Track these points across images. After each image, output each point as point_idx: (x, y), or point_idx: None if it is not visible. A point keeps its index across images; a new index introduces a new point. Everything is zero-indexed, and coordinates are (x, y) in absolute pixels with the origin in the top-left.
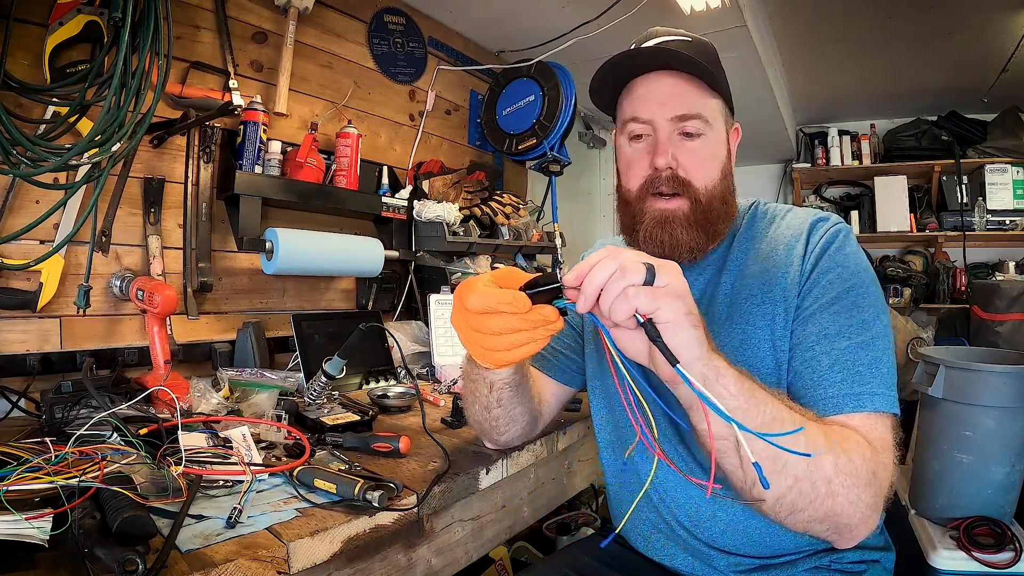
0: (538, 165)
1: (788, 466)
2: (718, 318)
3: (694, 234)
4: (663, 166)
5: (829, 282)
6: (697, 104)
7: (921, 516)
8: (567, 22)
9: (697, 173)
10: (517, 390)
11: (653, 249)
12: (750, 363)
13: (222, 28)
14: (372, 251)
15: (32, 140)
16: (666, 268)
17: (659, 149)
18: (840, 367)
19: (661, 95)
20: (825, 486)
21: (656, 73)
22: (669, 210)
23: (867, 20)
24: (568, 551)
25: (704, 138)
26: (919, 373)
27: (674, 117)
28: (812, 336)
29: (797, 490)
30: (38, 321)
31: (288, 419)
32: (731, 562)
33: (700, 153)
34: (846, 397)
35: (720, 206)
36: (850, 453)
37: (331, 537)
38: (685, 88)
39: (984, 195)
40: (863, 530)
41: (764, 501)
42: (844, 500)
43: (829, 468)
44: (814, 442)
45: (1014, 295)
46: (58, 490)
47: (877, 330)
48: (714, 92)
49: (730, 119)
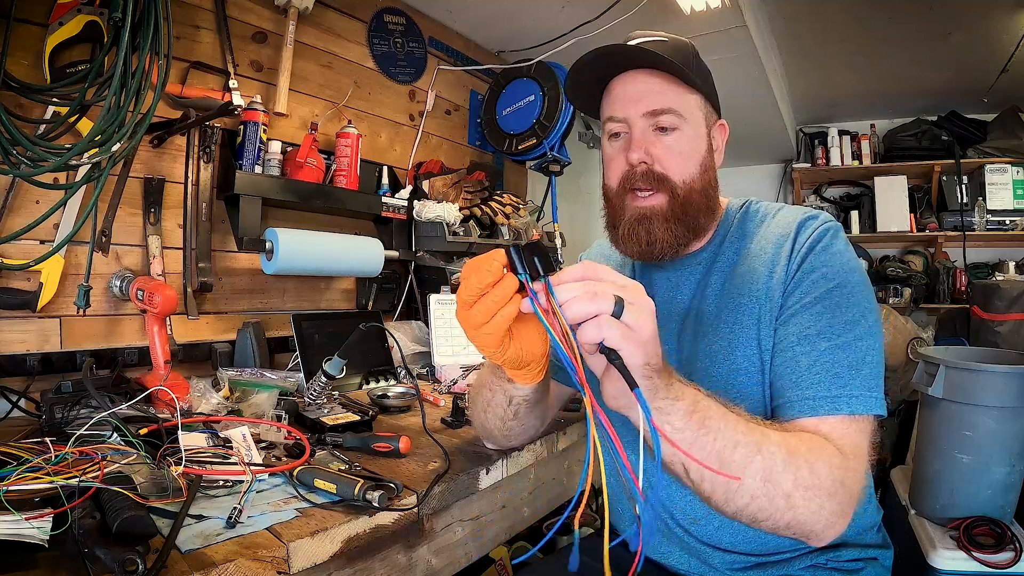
0: (538, 165)
1: (743, 487)
2: (707, 317)
3: (674, 229)
4: (636, 161)
5: (813, 282)
6: (670, 99)
7: (921, 516)
8: (567, 22)
9: (673, 167)
10: (536, 404)
11: (633, 246)
12: (736, 364)
13: (222, 28)
14: (372, 251)
15: (32, 140)
16: (636, 308)
17: (632, 145)
18: (819, 368)
19: (635, 93)
20: (784, 500)
21: (631, 72)
22: (647, 207)
23: (867, 20)
24: (567, 551)
25: (679, 132)
26: (919, 373)
27: (647, 113)
28: (793, 336)
29: (755, 506)
30: (38, 321)
31: (288, 419)
32: (727, 560)
33: (675, 147)
34: (822, 400)
35: (700, 200)
36: (814, 465)
37: (331, 537)
38: (659, 85)
39: (984, 195)
40: (830, 534)
41: (725, 513)
42: (805, 511)
43: (788, 484)
44: (770, 462)
45: (1014, 295)
46: (58, 490)
47: (861, 330)
48: (691, 89)
49: (713, 115)
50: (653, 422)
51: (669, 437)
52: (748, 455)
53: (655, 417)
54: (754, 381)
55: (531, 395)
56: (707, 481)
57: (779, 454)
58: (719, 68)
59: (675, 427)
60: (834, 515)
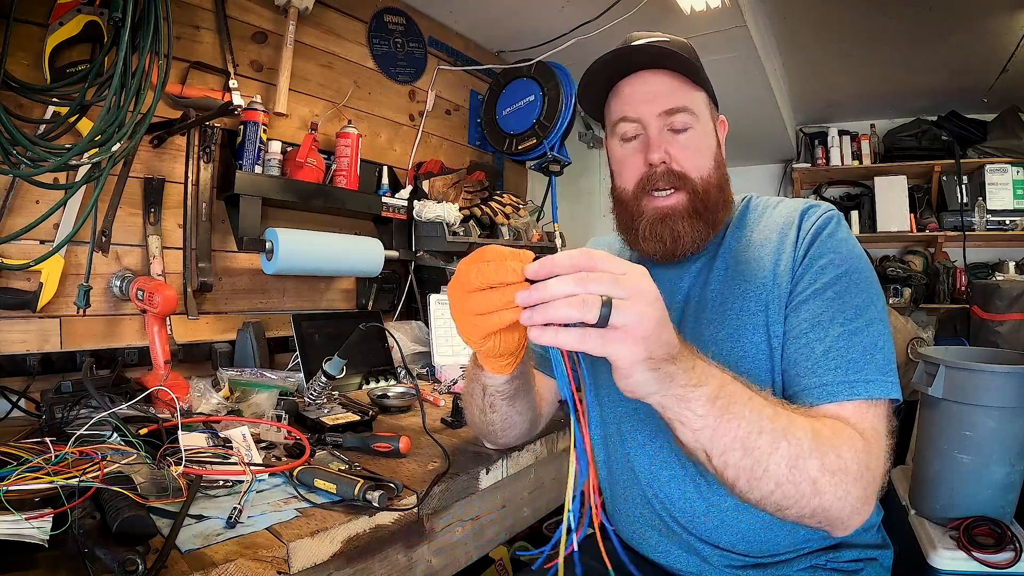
0: (538, 165)
1: (768, 473)
2: (711, 305)
3: (696, 225)
4: (657, 161)
5: (822, 268)
6: (683, 98)
7: (921, 516)
8: (567, 22)
9: (691, 165)
10: (512, 398)
11: (655, 245)
12: (744, 351)
13: (222, 28)
14: (372, 251)
15: (32, 140)
16: (631, 302)
17: (652, 145)
18: (834, 354)
19: (647, 93)
20: (810, 487)
21: (640, 73)
22: (667, 206)
23: (867, 20)
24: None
25: (693, 131)
26: (919, 373)
27: (662, 112)
28: (805, 323)
29: (780, 493)
30: (38, 321)
31: (288, 419)
32: (726, 559)
33: (691, 145)
34: (840, 385)
35: (717, 194)
36: (839, 449)
37: (331, 537)
38: (670, 84)
39: (984, 195)
40: (856, 520)
41: (749, 500)
42: (831, 497)
43: (814, 469)
44: (797, 449)
45: (1014, 295)
46: (58, 490)
47: (872, 315)
48: (697, 86)
49: (715, 111)
50: (584, 432)
51: (690, 424)
52: (773, 441)
53: (669, 411)
54: (762, 368)
55: (504, 387)
56: (731, 467)
57: (805, 440)
58: (719, 68)
59: (696, 414)
60: (860, 500)
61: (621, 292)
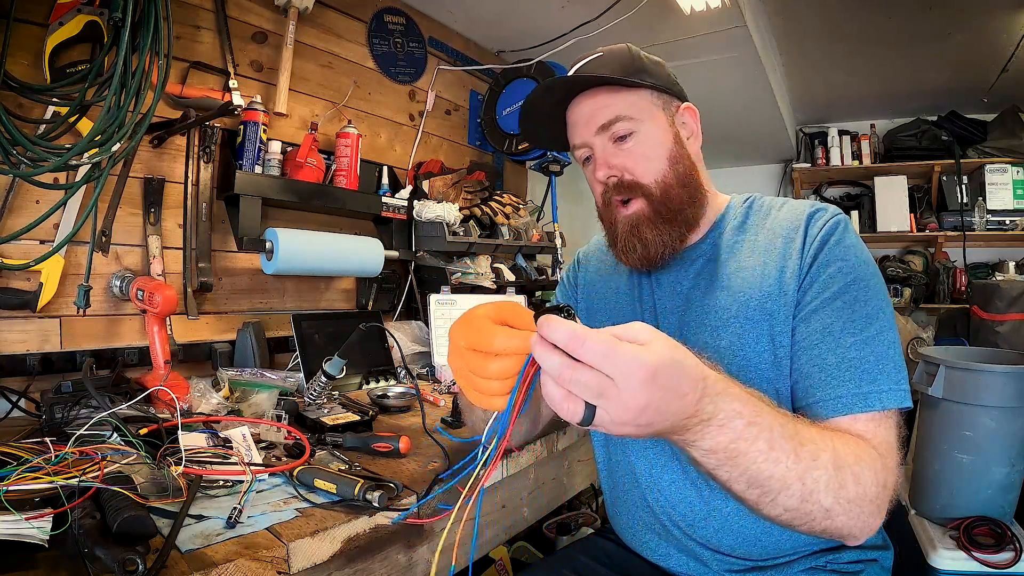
0: (538, 165)
1: (778, 500)
2: (713, 312)
3: (663, 229)
4: (604, 178)
5: (830, 276)
6: (616, 107)
7: (921, 516)
8: (567, 22)
9: (641, 171)
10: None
11: (632, 255)
12: (747, 360)
13: (222, 28)
14: (372, 251)
15: (32, 140)
16: (615, 395)
17: (596, 164)
18: (847, 365)
19: (583, 115)
20: (821, 512)
21: (576, 98)
22: (630, 214)
23: (867, 20)
24: (567, 551)
25: (637, 135)
26: (919, 373)
27: (598, 129)
28: (816, 334)
29: (789, 516)
30: (38, 321)
31: (288, 419)
32: (726, 563)
33: (637, 151)
34: (854, 397)
35: (679, 193)
36: (860, 476)
37: (331, 537)
38: (602, 100)
39: (984, 195)
40: (867, 533)
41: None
42: (843, 519)
43: (828, 501)
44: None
45: (1014, 295)
46: (58, 490)
47: (882, 323)
48: (634, 88)
49: (673, 102)
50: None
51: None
52: (785, 482)
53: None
54: (765, 377)
55: None
56: (737, 490)
57: (823, 477)
58: (719, 68)
59: (703, 451)
60: (872, 516)
61: (605, 388)
